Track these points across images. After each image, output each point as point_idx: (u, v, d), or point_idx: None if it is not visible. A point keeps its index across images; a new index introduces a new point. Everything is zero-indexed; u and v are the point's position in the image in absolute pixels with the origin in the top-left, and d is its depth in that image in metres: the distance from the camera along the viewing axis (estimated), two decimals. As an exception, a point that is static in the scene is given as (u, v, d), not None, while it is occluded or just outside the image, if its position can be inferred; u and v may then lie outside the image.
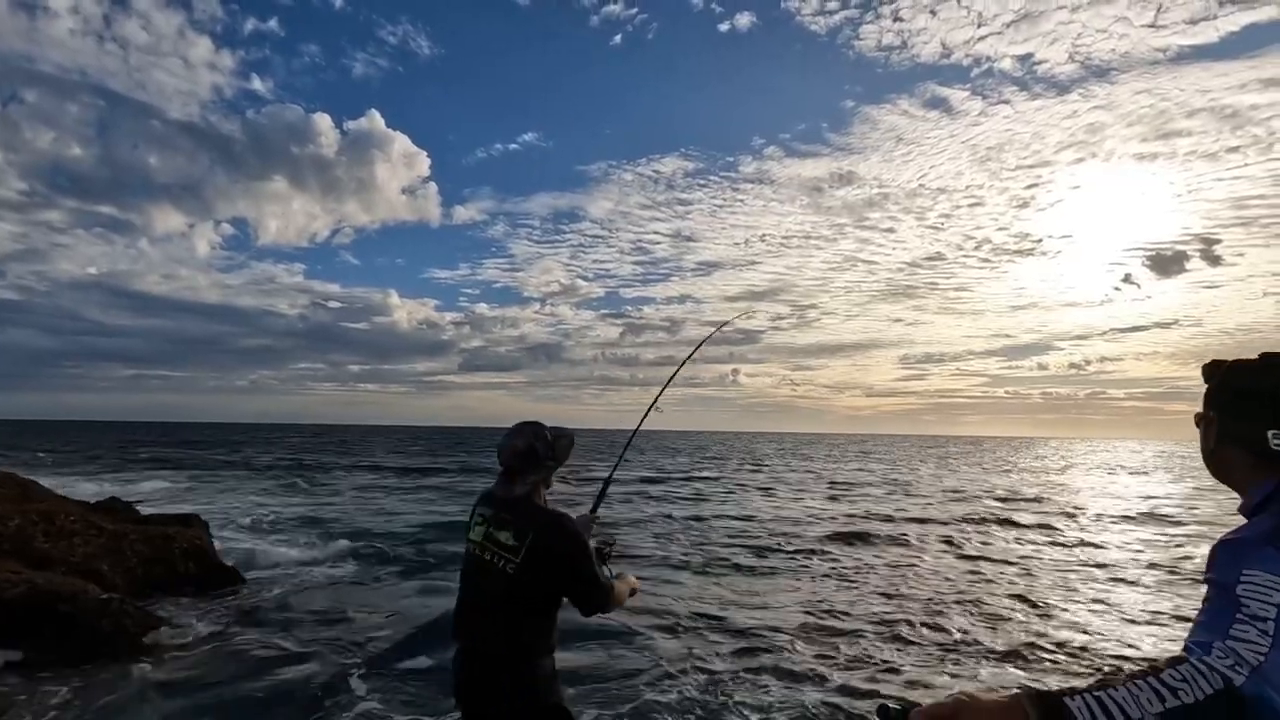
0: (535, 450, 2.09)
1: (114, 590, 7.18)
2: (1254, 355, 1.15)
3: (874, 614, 7.46)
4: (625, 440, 3.07)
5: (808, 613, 7.51)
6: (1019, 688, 0.98)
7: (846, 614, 7.49)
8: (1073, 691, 0.90)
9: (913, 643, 6.52)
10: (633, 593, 2.26)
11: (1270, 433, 1.06)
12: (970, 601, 8.08)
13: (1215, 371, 1.19)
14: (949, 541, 12.49)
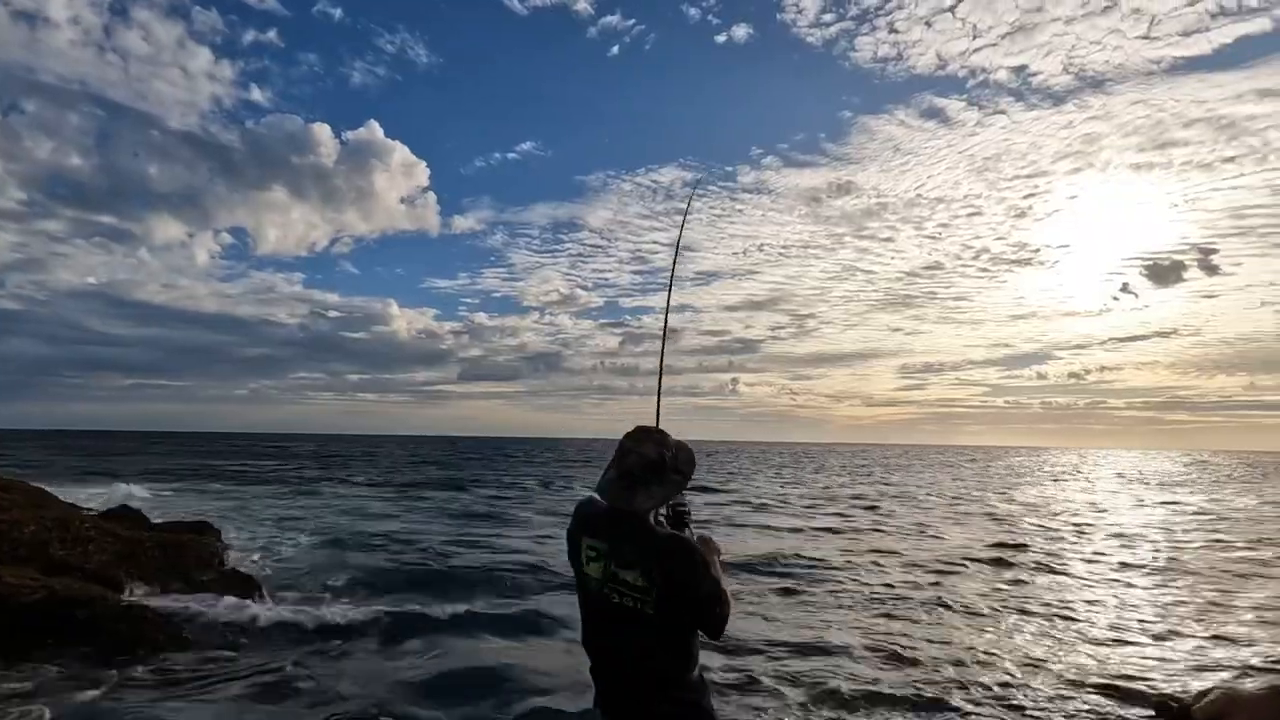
0: (664, 461, 1.78)
1: (130, 597, 7.21)
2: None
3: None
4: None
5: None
6: None
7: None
8: None
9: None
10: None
11: None
12: None
13: None
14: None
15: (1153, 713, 4.87)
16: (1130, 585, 9.82)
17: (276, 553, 10.77)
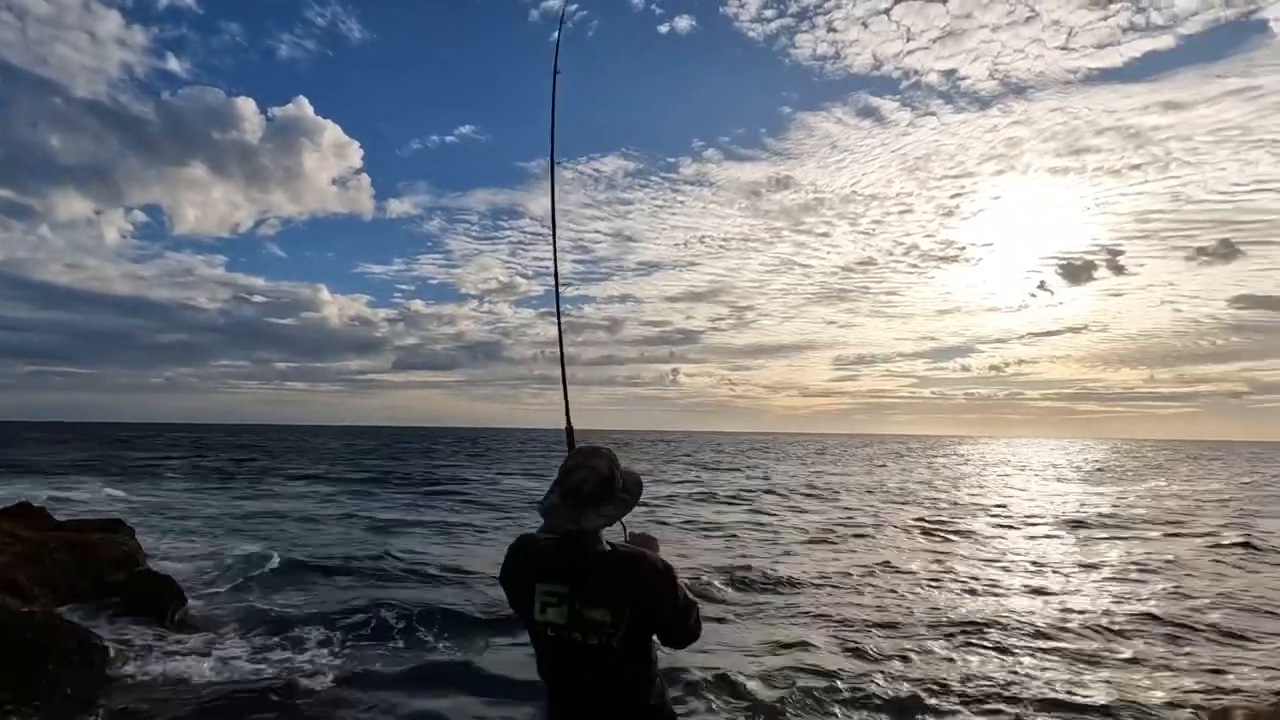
0: (614, 477, 1.70)
1: (34, 603, 6.68)
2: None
3: None
4: (569, 440, 2.36)
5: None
6: None
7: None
8: None
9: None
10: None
11: None
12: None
13: None
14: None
15: None
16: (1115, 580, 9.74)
17: (205, 561, 10.15)
